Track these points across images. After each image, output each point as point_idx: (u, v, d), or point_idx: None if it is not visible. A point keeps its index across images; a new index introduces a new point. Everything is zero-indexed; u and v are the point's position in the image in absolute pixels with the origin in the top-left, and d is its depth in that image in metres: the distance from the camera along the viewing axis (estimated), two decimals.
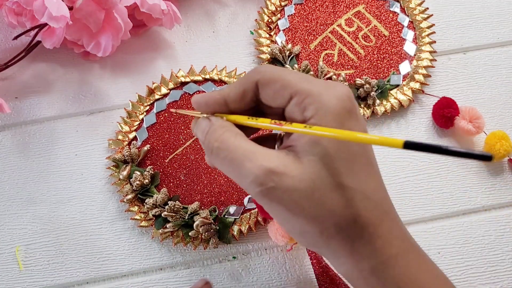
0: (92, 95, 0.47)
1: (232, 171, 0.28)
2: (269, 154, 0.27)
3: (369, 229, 0.27)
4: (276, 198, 0.26)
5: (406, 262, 0.27)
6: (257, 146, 0.28)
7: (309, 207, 0.26)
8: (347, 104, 0.27)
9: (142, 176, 0.42)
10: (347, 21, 0.49)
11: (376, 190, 0.28)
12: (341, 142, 0.26)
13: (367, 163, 0.28)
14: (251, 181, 0.26)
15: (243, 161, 0.27)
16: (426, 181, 0.44)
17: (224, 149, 0.28)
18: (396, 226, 0.28)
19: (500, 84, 0.48)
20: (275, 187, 0.26)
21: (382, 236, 0.27)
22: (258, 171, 0.26)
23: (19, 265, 0.41)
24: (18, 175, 0.44)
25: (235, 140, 0.28)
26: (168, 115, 0.45)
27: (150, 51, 0.49)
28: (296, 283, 0.41)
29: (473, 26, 0.50)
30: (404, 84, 0.47)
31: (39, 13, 0.40)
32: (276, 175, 0.26)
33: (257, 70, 0.29)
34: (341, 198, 0.26)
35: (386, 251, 0.27)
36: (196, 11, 0.51)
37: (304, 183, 0.26)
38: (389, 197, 0.29)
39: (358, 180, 0.27)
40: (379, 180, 0.28)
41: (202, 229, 0.40)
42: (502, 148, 0.43)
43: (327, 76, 0.46)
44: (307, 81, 0.28)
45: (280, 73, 0.28)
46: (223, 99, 0.30)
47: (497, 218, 0.43)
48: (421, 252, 0.29)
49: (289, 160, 0.26)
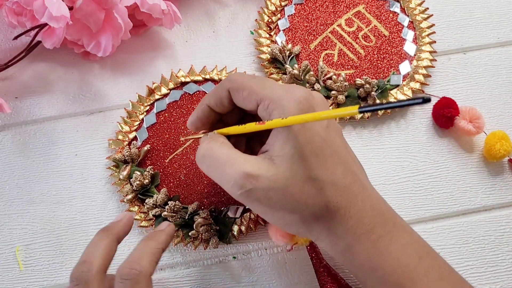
0: (92, 95, 0.47)
1: (216, 176, 0.32)
2: (247, 160, 0.31)
3: (340, 211, 0.31)
4: (256, 198, 0.30)
5: (377, 237, 0.31)
6: (238, 153, 0.31)
7: (286, 202, 0.30)
8: (304, 106, 0.30)
9: (142, 176, 0.42)
10: (347, 21, 0.49)
11: (343, 176, 0.31)
12: (305, 142, 0.30)
13: (331, 153, 0.31)
14: (232, 184, 0.30)
15: (225, 167, 0.31)
16: (426, 181, 0.44)
17: (209, 156, 0.32)
18: (367, 205, 0.31)
19: (500, 84, 0.48)
20: (253, 189, 0.30)
21: (353, 216, 0.31)
22: (237, 176, 0.30)
23: (19, 265, 0.42)
24: (18, 175, 0.44)
25: (219, 148, 0.32)
26: (168, 115, 0.45)
27: (150, 51, 0.49)
28: (296, 283, 0.41)
29: (473, 26, 0.50)
30: (404, 84, 0.47)
31: (39, 13, 0.40)
32: (253, 178, 0.30)
33: (228, 79, 0.33)
34: (312, 189, 0.30)
35: (357, 229, 0.31)
36: (196, 11, 0.51)
37: (278, 182, 0.30)
38: (361, 179, 0.32)
39: (324, 171, 0.30)
40: (346, 166, 0.31)
41: (202, 229, 0.40)
42: (502, 148, 0.43)
43: (327, 76, 0.46)
44: (269, 88, 0.32)
45: (247, 81, 0.32)
46: (207, 105, 0.35)
47: (497, 218, 0.43)
48: (398, 224, 0.32)
49: (264, 163, 0.30)
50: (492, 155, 0.44)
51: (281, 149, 0.30)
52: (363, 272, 0.32)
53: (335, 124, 0.33)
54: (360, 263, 0.32)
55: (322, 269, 0.38)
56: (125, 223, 0.35)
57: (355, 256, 0.31)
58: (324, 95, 0.46)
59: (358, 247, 0.31)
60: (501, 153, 0.43)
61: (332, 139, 0.31)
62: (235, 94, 0.33)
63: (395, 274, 0.31)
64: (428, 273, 0.31)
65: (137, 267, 0.31)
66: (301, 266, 0.41)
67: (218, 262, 0.42)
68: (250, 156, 0.31)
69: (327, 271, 0.38)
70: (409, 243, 0.32)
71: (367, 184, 0.33)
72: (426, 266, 0.31)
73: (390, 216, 0.32)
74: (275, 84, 0.32)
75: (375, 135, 0.46)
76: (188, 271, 0.41)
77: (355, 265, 0.32)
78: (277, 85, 0.32)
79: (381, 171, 0.45)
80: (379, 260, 0.31)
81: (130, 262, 0.32)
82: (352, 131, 0.46)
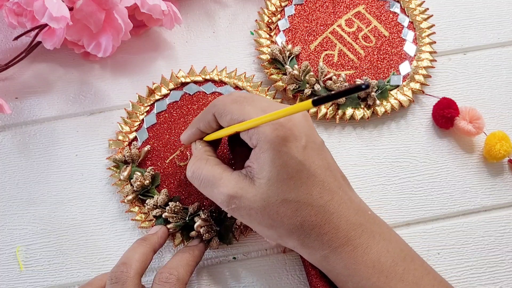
0: (92, 96, 0.47)
1: (206, 194, 0.36)
2: (230, 180, 0.34)
3: (314, 229, 0.33)
4: (239, 215, 0.34)
5: (352, 248, 0.33)
6: (222, 171, 0.35)
7: (264, 220, 0.33)
8: (279, 132, 0.33)
9: (142, 177, 0.42)
10: (347, 22, 0.49)
11: (320, 196, 0.33)
12: (281, 166, 0.32)
13: (308, 176, 0.33)
14: (220, 203, 0.34)
15: (212, 188, 0.34)
16: (426, 181, 0.44)
17: (197, 177, 0.36)
18: (343, 221, 0.33)
19: (500, 85, 0.48)
20: (236, 207, 0.34)
21: (328, 232, 0.33)
22: (223, 197, 0.34)
23: (20, 265, 0.42)
24: (19, 176, 0.44)
25: (205, 167, 0.35)
26: (168, 116, 0.45)
27: (150, 52, 0.49)
28: (296, 283, 0.41)
29: (473, 27, 0.50)
30: (404, 84, 0.47)
31: (40, 13, 0.40)
32: (236, 199, 0.33)
33: (213, 104, 0.36)
34: (287, 210, 0.33)
35: (332, 243, 0.33)
36: (196, 11, 0.51)
37: (257, 203, 0.33)
38: (339, 195, 0.34)
39: (300, 193, 0.33)
40: (323, 186, 0.34)
41: (203, 230, 0.40)
42: (502, 149, 0.43)
43: (327, 77, 0.46)
44: (247, 114, 0.34)
45: (228, 106, 0.35)
46: (198, 129, 0.38)
47: (497, 219, 0.43)
48: (375, 234, 0.34)
49: (246, 183, 0.33)
50: (492, 155, 0.44)
51: (260, 171, 0.33)
52: (340, 278, 0.34)
53: (315, 142, 0.34)
54: (337, 271, 0.34)
55: (313, 271, 0.38)
56: (161, 235, 0.39)
57: (332, 265, 0.34)
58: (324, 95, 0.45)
59: (334, 258, 0.34)
60: (501, 153, 0.43)
61: (309, 160, 0.33)
62: (219, 119, 0.35)
63: (370, 279, 0.33)
64: (403, 277, 0.33)
65: (175, 273, 0.35)
66: (301, 267, 0.41)
67: (218, 262, 0.42)
68: (233, 174, 0.34)
69: (319, 273, 0.38)
70: (385, 251, 0.34)
71: (346, 196, 0.35)
72: (401, 271, 0.33)
73: (368, 227, 0.34)
74: (254, 108, 0.34)
75: (375, 135, 0.46)
76: None
77: (333, 273, 0.35)
78: (255, 108, 0.34)
79: (381, 171, 0.45)
80: (355, 268, 0.33)
81: (169, 268, 0.35)
82: (352, 132, 0.46)
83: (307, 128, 0.34)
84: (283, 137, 0.32)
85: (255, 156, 0.33)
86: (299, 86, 0.46)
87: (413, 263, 0.34)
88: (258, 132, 0.33)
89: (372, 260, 0.33)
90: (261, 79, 0.48)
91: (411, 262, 0.34)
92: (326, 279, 0.37)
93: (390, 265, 0.33)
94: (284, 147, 0.32)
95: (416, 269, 0.34)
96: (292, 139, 0.33)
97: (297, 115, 0.34)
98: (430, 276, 0.34)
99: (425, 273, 0.34)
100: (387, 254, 0.33)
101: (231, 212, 0.35)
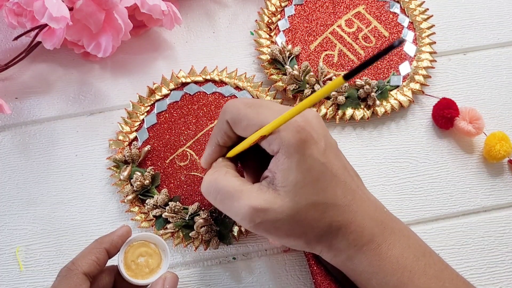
0: (92, 96, 0.47)
1: (223, 209, 0.34)
2: (252, 192, 0.32)
3: (341, 230, 0.33)
4: (265, 229, 0.32)
5: (376, 245, 0.33)
6: (242, 183, 0.33)
7: (292, 229, 0.32)
8: (302, 136, 0.32)
9: (142, 177, 0.42)
10: (347, 22, 0.49)
11: (344, 196, 0.33)
12: (306, 170, 0.31)
13: (331, 176, 0.33)
14: (241, 218, 0.32)
15: (232, 201, 0.32)
16: (426, 182, 0.44)
17: (214, 190, 0.33)
18: (367, 218, 0.33)
19: (500, 85, 0.48)
20: (262, 222, 0.32)
21: (354, 231, 0.33)
22: (245, 211, 0.31)
23: (20, 265, 0.42)
24: (18, 176, 0.44)
25: (223, 179, 0.33)
26: (168, 116, 0.45)
27: (150, 52, 0.49)
28: (296, 283, 0.41)
29: (473, 27, 0.50)
30: (404, 85, 0.47)
31: (40, 13, 0.40)
32: (261, 212, 0.31)
33: (224, 110, 0.34)
34: (315, 213, 0.32)
35: (358, 242, 0.33)
36: (196, 11, 0.51)
37: (284, 213, 0.31)
38: (359, 194, 0.34)
39: (325, 194, 0.32)
40: (345, 186, 0.33)
41: (203, 230, 0.40)
42: (502, 149, 0.43)
43: (327, 77, 0.46)
44: (265, 116, 0.32)
45: (242, 111, 0.33)
46: (217, 145, 0.36)
47: (496, 219, 0.43)
48: (396, 230, 0.34)
49: (270, 195, 0.32)
50: (492, 156, 0.44)
51: (284, 179, 0.32)
52: (363, 276, 0.34)
53: (331, 144, 0.34)
54: (362, 270, 0.33)
55: (318, 269, 0.38)
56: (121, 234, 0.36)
57: (356, 265, 0.33)
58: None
59: (359, 257, 0.33)
60: (501, 154, 0.43)
61: (331, 162, 0.33)
62: (234, 125, 0.34)
63: (395, 274, 0.33)
64: (425, 271, 0.33)
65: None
66: (301, 267, 0.41)
67: (218, 263, 0.42)
68: (254, 186, 0.33)
69: (324, 271, 0.38)
70: (407, 246, 0.34)
71: (364, 195, 0.35)
72: (423, 265, 0.33)
73: (388, 224, 0.34)
74: (269, 110, 0.33)
75: (375, 136, 0.46)
76: (188, 272, 0.41)
77: (356, 272, 0.34)
78: (271, 111, 0.33)
79: (380, 172, 0.45)
80: (380, 265, 0.33)
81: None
82: (352, 132, 0.46)
83: (324, 130, 0.34)
84: (306, 140, 0.32)
85: (278, 162, 0.32)
86: (299, 86, 0.46)
87: (432, 258, 0.34)
88: (280, 137, 0.32)
89: (395, 256, 0.33)
90: (261, 80, 0.48)
91: (430, 257, 0.34)
92: (331, 277, 0.37)
93: (412, 260, 0.33)
94: (308, 150, 0.32)
95: (435, 263, 0.34)
96: (313, 142, 0.32)
97: (312, 117, 0.33)
98: (448, 270, 0.34)
99: (444, 267, 0.34)
100: (409, 250, 0.33)
101: (255, 229, 0.32)
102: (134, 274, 0.35)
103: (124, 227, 0.36)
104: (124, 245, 0.36)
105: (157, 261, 0.36)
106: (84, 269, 0.33)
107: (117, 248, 0.36)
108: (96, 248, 0.35)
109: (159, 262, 0.36)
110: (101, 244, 0.35)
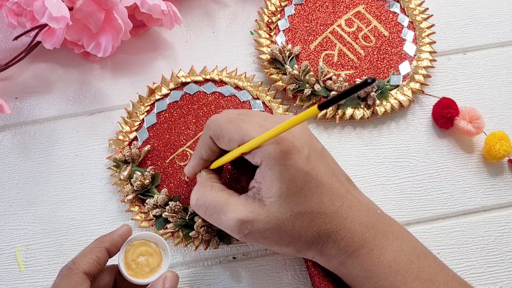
0: (92, 95, 0.47)
1: (213, 222, 0.35)
2: (238, 205, 0.33)
3: (331, 236, 0.33)
4: (254, 239, 0.33)
5: (368, 250, 0.33)
6: (229, 196, 0.34)
7: (281, 238, 0.33)
8: (282, 147, 0.32)
9: (142, 177, 0.42)
10: (347, 22, 0.49)
11: (331, 203, 0.33)
12: (290, 180, 0.32)
13: (317, 185, 0.33)
14: (230, 230, 0.33)
15: (220, 215, 0.34)
16: (426, 181, 0.44)
17: (202, 205, 0.35)
18: (357, 224, 0.34)
19: (500, 85, 0.48)
20: (250, 233, 0.33)
21: (344, 237, 0.33)
22: (233, 223, 0.33)
23: (20, 265, 0.42)
24: (18, 176, 0.44)
25: (210, 194, 0.34)
26: (168, 116, 0.45)
27: (150, 52, 0.49)
28: (296, 283, 0.41)
29: (473, 26, 0.50)
30: (404, 84, 0.47)
31: (39, 13, 0.40)
32: (248, 223, 0.32)
33: (207, 126, 0.35)
34: (303, 222, 0.33)
35: (349, 247, 0.33)
36: (196, 11, 0.51)
37: (271, 223, 0.32)
38: (348, 199, 0.34)
39: (311, 203, 0.33)
40: (332, 192, 0.34)
41: (203, 229, 0.40)
42: (502, 149, 0.43)
43: (327, 77, 0.46)
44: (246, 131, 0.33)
45: (224, 126, 0.34)
46: (201, 158, 0.37)
47: (496, 219, 0.43)
48: (388, 234, 0.34)
49: (255, 206, 0.33)
50: (492, 155, 0.44)
51: (269, 190, 0.32)
52: (357, 281, 0.34)
53: (316, 150, 0.35)
54: (354, 274, 0.34)
55: (316, 270, 0.38)
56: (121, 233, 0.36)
57: (349, 269, 0.34)
58: (324, 95, 0.46)
59: (351, 262, 0.34)
60: (501, 153, 0.43)
61: (315, 169, 0.33)
62: (217, 141, 0.35)
63: (388, 279, 0.33)
64: (419, 274, 0.33)
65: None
66: (301, 267, 0.41)
67: (218, 262, 0.42)
68: (241, 198, 0.34)
69: (321, 273, 0.38)
70: (400, 250, 0.34)
71: (355, 199, 0.35)
72: (416, 269, 0.33)
73: (381, 227, 0.34)
74: (251, 124, 0.34)
75: (375, 135, 0.46)
76: (188, 272, 0.41)
77: (350, 276, 0.34)
78: (252, 124, 0.34)
79: (380, 171, 0.45)
80: (372, 270, 0.33)
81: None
82: (352, 132, 0.46)
83: (307, 137, 0.34)
84: (286, 151, 0.32)
85: (261, 174, 0.33)
86: (299, 86, 0.46)
87: (427, 260, 0.34)
88: (261, 150, 0.33)
89: (388, 260, 0.33)
90: (261, 79, 0.48)
91: (425, 259, 0.34)
92: (329, 278, 0.37)
93: (405, 263, 0.33)
94: (290, 161, 0.32)
95: (430, 266, 0.34)
96: (295, 151, 0.33)
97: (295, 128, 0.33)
98: (444, 272, 0.34)
99: (439, 269, 0.34)
100: (402, 253, 0.34)
101: (244, 239, 0.34)
102: (134, 273, 0.35)
103: (124, 226, 0.36)
104: (124, 244, 0.36)
105: (158, 260, 0.36)
106: (85, 268, 0.33)
107: (118, 247, 0.36)
108: (96, 248, 0.35)
109: (160, 261, 0.36)
110: (102, 244, 0.35)
